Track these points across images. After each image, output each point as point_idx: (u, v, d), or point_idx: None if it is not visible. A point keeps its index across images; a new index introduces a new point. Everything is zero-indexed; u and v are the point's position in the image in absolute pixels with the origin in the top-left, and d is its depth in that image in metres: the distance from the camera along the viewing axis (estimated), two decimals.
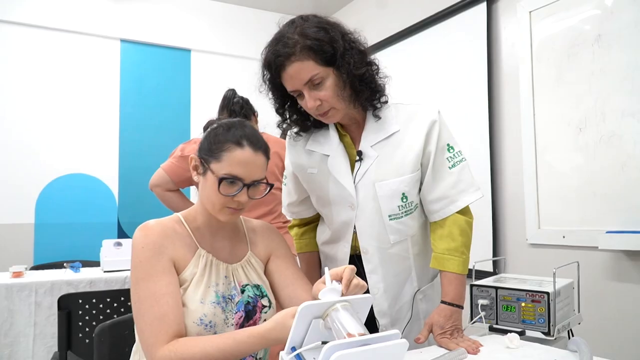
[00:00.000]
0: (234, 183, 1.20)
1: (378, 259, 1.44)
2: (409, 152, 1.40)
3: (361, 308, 0.99)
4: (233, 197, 1.21)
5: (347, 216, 1.44)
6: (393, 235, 1.43)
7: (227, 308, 1.23)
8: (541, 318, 1.61)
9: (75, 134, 3.93)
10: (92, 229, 3.91)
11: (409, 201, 1.42)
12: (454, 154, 1.43)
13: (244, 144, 1.21)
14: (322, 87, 1.30)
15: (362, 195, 1.42)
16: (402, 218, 1.43)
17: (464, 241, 1.43)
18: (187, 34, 4.38)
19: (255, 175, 1.22)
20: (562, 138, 2.64)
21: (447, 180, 1.42)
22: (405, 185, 1.40)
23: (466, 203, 1.43)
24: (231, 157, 1.20)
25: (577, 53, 2.58)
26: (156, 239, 1.20)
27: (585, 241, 2.50)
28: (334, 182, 1.44)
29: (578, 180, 2.56)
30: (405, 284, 1.49)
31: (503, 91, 3.02)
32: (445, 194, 1.42)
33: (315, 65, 1.28)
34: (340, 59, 1.29)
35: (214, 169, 1.21)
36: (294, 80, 1.30)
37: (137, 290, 1.17)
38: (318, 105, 1.31)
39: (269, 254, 1.40)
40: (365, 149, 1.43)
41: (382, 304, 1.46)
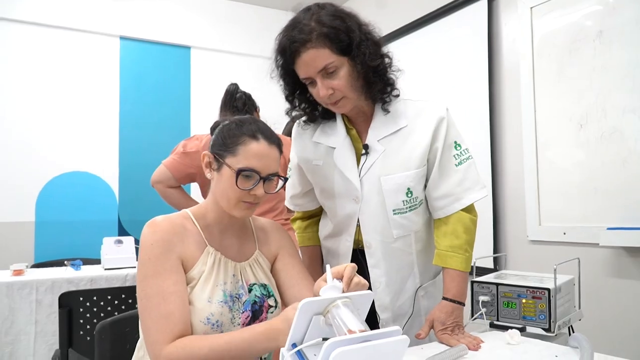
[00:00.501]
0: (250, 177, 1.21)
1: (381, 253, 1.44)
2: (416, 148, 1.40)
3: (362, 304, 0.99)
4: (250, 191, 1.21)
5: (351, 209, 1.44)
6: (396, 230, 1.43)
7: (234, 307, 1.23)
8: (542, 314, 1.61)
9: (75, 132, 3.92)
10: (92, 227, 3.91)
11: (414, 196, 1.42)
12: (460, 151, 1.43)
13: (259, 137, 1.22)
14: (336, 76, 1.30)
15: (367, 188, 1.42)
16: (406, 213, 1.43)
17: (468, 239, 1.43)
18: (186, 31, 4.37)
19: (270, 168, 1.23)
20: (563, 134, 2.64)
21: (453, 178, 1.42)
22: (410, 180, 1.40)
23: (471, 201, 1.43)
24: (247, 150, 1.20)
25: (578, 49, 2.57)
26: (165, 236, 1.19)
27: (586, 238, 2.49)
28: (340, 175, 1.44)
29: (579, 177, 2.56)
30: (407, 279, 1.49)
31: (504, 87, 3.01)
32: (450, 191, 1.42)
33: (330, 54, 1.28)
34: (355, 49, 1.29)
35: (230, 163, 1.21)
36: (308, 67, 1.30)
37: (144, 287, 1.16)
38: (330, 94, 1.32)
39: (276, 253, 1.40)
40: (372, 143, 1.43)
41: (384, 299, 1.46)
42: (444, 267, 1.43)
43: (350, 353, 0.82)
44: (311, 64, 1.29)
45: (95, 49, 4.03)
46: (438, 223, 1.47)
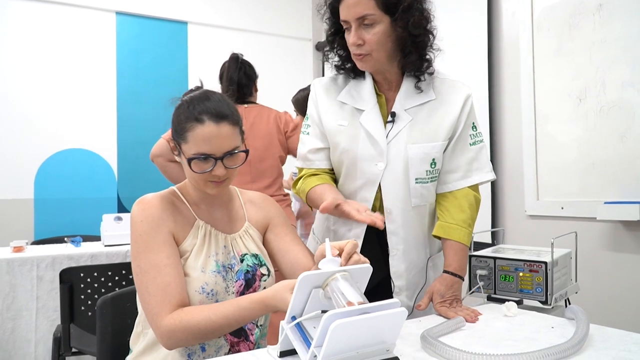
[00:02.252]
0: (206, 159, 1.20)
1: (401, 220, 1.45)
2: (445, 120, 1.43)
3: (360, 278, 1.00)
4: (210, 172, 1.21)
5: (373, 174, 1.44)
6: (415, 199, 1.45)
7: (227, 277, 1.25)
8: (539, 287, 1.63)
9: (72, 109, 3.89)
10: (92, 204, 3.91)
11: (437, 168, 1.45)
12: (476, 132, 1.48)
13: (203, 120, 1.18)
14: (371, 30, 1.32)
15: (393, 154, 1.42)
16: (427, 183, 1.45)
17: (472, 215, 1.46)
18: (183, 6, 4.31)
19: (224, 146, 1.20)
20: (562, 109, 2.63)
21: (466, 155, 1.46)
22: (436, 151, 1.42)
23: (479, 180, 1.47)
24: (194, 135, 1.19)
25: (577, 23, 2.55)
26: (154, 212, 1.21)
27: (583, 212, 2.51)
28: (367, 137, 1.44)
29: (577, 151, 2.56)
30: (421, 249, 1.51)
31: (503, 62, 2.99)
32: (460, 167, 1.46)
33: (374, 6, 1.30)
34: (401, 13, 1.31)
35: (184, 150, 1.22)
36: (349, 10, 1.32)
37: (138, 263, 1.18)
38: (358, 45, 1.34)
39: (266, 224, 1.41)
40: (399, 111, 1.44)
41: (399, 266, 1.47)
42: (444, 240, 1.44)
43: (349, 325, 0.84)
44: (352, 8, 1.31)
45: (91, 25, 3.97)
46: (442, 197, 1.50)
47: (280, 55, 4.73)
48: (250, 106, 2.52)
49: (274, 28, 4.68)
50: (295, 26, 4.81)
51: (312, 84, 1.60)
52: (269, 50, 4.64)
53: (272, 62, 4.60)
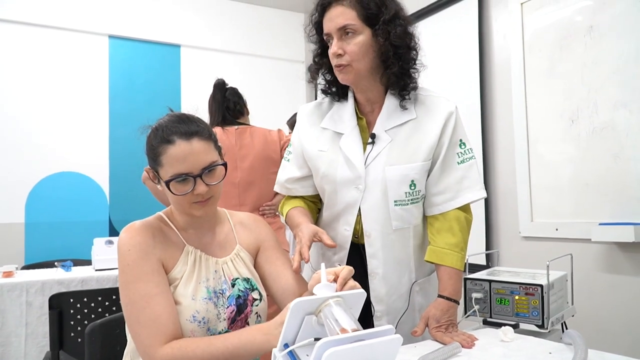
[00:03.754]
0: (185, 180, 1.17)
1: (380, 243, 1.43)
2: (424, 141, 1.40)
3: (354, 304, 0.97)
4: (193, 192, 1.18)
5: (353, 197, 1.43)
6: (396, 222, 1.42)
7: (218, 303, 1.22)
8: (535, 311, 1.61)
9: (64, 132, 3.89)
10: (83, 228, 3.88)
11: (417, 189, 1.42)
12: (464, 150, 1.44)
13: (173, 139, 1.16)
14: (352, 40, 1.34)
15: (371, 177, 1.41)
16: (407, 205, 1.42)
17: (464, 237, 1.44)
18: (176, 29, 4.34)
19: (200, 163, 1.18)
20: (554, 130, 2.64)
21: (454, 175, 1.43)
22: (415, 172, 1.40)
23: (468, 200, 1.44)
24: (167, 157, 1.16)
25: (569, 44, 2.57)
26: (142, 240, 1.18)
27: (578, 233, 2.50)
28: (345, 162, 1.43)
29: (571, 172, 2.56)
30: (403, 273, 1.48)
31: (495, 83, 3.01)
32: (449, 188, 1.43)
33: (355, 17, 1.33)
34: (382, 24, 1.33)
35: (162, 175, 1.20)
36: (331, 22, 1.35)
37: (127, 294, 1.15)
38: (339, 55, 1.34)
39: (257, 246, 1.39)
40: (379, 133, 1.43)
41: (380, 290, 1.45)
42: (438, 265, 1.42)
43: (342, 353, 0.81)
44: (334, 19, 1.34)
45: (84, 48, 3.99)
46: (432, 220, 1.47)
47: (273, 78, 4.75)
48: (241, 127, 2.51)
49: (266, 50, 4.72)
50: (288, 48, 4.83)
51: (298, 111, 1.60)
52: (261, 72, 4.67)
53: (264, 84, 4.62)
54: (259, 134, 2.50)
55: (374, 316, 1.46)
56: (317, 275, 1.02)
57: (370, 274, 1.45)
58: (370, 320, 1.46)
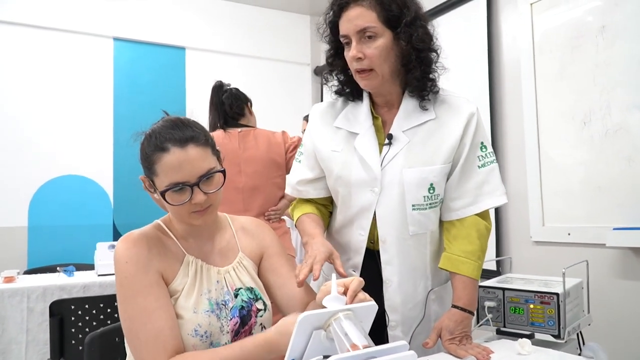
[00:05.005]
0: (181, 189, 1.11)
1: (396, 249, 1.37)
2: (445, 142, 1.35)
3: (365, 317, 0.93)
4: (190, 202, 1.12)
5: (368, 200, 1.37)
6: (413, 227, 1.36)
7: (221, 315, 1.17)
8: (551, 320, 1.56)
9: (68, 135, 3.85)
10: (87, 232, 3.84)
11: (436, 193, 1.36)
12: (485, 153, 1.38)
13: (167, 147, 1.10)
14: (372, 44, 1.28)
15: (387, 180, 1.35)
16: (425, 210, 1.36)
17: (482, 246, 1.37)
18: (181, 31, 4.31)
19: (197, 170, 1.12)
20: (566, 132, 2.58)
21: (474, 179, 1.37)
22: (434, 175, 1.34)
23: (488, 206, 1.38)
24: (162, 166, 1.11)
25: (580, 45, 2.52)
26: (140, 251, 1.13)
27: (591, 238, 2.43)
28: (360, 162, 1.37)
29: (583, 176, 2.50)
30: (419, 281, 1.42)
31: (504, 86, 2.96)
32: (468, 193, 1.37)
33: (375, 19, 1.26)
34: (403, 27, 1.27)
35: (157, 184, 1.14)
36: (349, 23, 1.28)
37: (126, 309, 1.10)
38: (358, 59, 1.28)
39: (261, 253, 1.33)
40: (396, 133, 1.37)
41: (395, 298, 1.39)
42: (453, 273, 1.36)
43: None
44: (353, 20, 1.27)
45: (89, 51, 3.96)
46: (449, 225, 1.41)
47: (279, 80, 4.72)
48: (244, 130, 2.45)
49: (272, 53, 4.68)
50: (294, 51, 4.80)
51: (311, 110, 1.55)
52: (267, 75, 4.63)
53: (270, 86, 4.59)
54: (262, 137, 2.44)
55: (388, 326, 1.40)
56: (326, 287, 0.97)
57: (385, 281, 1.39)
58: (384, 331, 1.40)
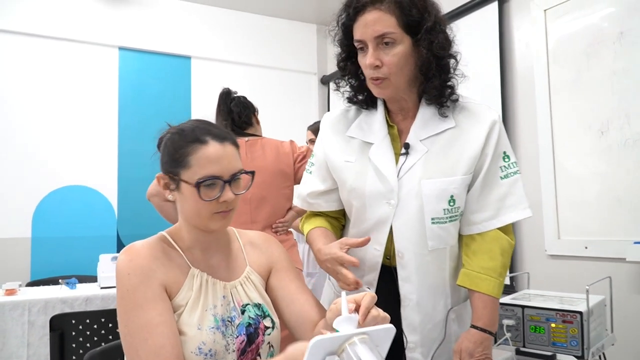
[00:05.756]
0: (213, 185, 1.09)
1: (414, 265, 1.29)
2: (466, 151, 1.27)
3: (382, 341, 0.85)
4: (218, 200, 1.09)
5: (384, 213, 1.29)
6: (432, 241, 1.28)
7: (227, 332, 1.11)
8: (574, 340, 1.49)
9: (72, 145, 3.81)
10: (91, 243, 3.78)
11: (456, 206, 1.28)
12: (508, 164, 1.30)
13: (206, 140, 1.10)
14: (390, 50, 1.21)
15: (405, 191, 1.27)
16: (445, 223, 1.28)
17: (504, 262, 1.29)
18: (187, 40, 4.28)
19: (231, 167, 1.11)
20: (582, 142, 2.51)
21: (496, 191, 1.29)
22: (455, 187, 1.26)
23: (511, 220, 1.29)
24: (199, 158, 1.09)
25: (597, 52, 2.45)
26: (143, 263, 1.08)
27: (610, 252, 2.35)
28: (375, 173, 1.30)
29: (601, 187, 2.42)
30: (439, 299, 1.33)
31: (517, 94, 2.89)
32: (490, 206, 1.28)
33: (395, 24, 1.19)
34: (424, 33, 1.20)
35: (187, 177, 1.09)
36: (366, 28, 1.21)
37: (126, 323, 1.04)
38: (375, 66, 1.21)
39: (269, 268, 1.28)
40: (414, 142, 1.30)
41: (413, 318, 1.30)
42: (472, 291, 1.28)
43: None
44: (370, 25, 1.20)
45: (94, 60, 3.93)
46: (469, 240, 1.32)
47: (285, 89, 4.67)
48: (252, 139, 2.39)
49: (278, 62, 4.64)
50: (300, 60, 4.76)
51: (322, 118, 1.48)
52: (273, 84, 4.59)
53: (276, 96, 4.55)
54: (270, 147, 2.37)
55: (407, 348, 1.31)
56: (336, 307, 0.90)
57: (402, 299, 1.31)
58: (402, 353, 1.32)
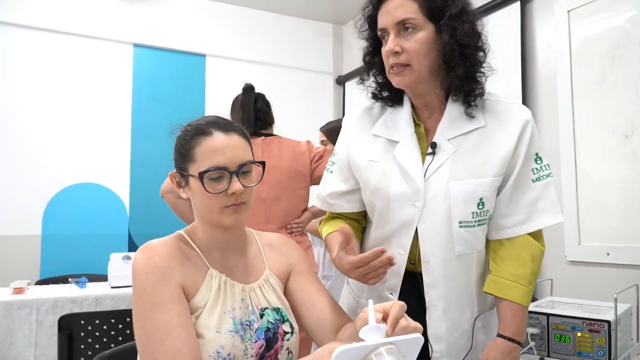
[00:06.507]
0: (220, 177, 1.06)
1: (441, 271, 1.23)
2: (497, 152, 1.21)
3: (410, 351, 0.80)
4: (226, 192, 1.06)
5: (409, 216, 1.24)
6: (459, 246, 1.22)
7: (245, 336, 1.07)
8: (600, 350, 1.44)
9: (85, 142, 3.78)
10: (102, 241, 3.75)
11: (485, 209, 1.22)
12: (541, 166, 1.24)
13: (210, 131, 1.08)
14: (411, 37, 1.17)
15: (431, 193, 1.21)
16: (474, 227, 1.22)
17: (535, 270, 1.23)
18: (202, 38, 4.25)
19: (237, 158, 1.08)
20: (605, 146, 2.43)
21: (528, 195, 1.23)
22: (484, 189, 1.20)
23: (543, 225, 1.23)
24: (202, 149, 1.07)
25: (621, 55, 2.38)
26: (161, 262, 1.05)
27: (633, 259, 2.28)
28: (401, 173, 1.24)
29: (623, 192, 2.35)
30: (466, 306, 1.27)
31: (539, 96, 2.82)
32: (521, 210, 1.22)
33: (417, 10, 1.16)
34: (447, 20, 1.16)
35: (193, 171, 1.08)
36: (388, 15, 1.19)
37: (142, 324, 1.00)
38: (395, 52, 1.18)
39: (288, 271, 1.24)
40: (441, 142, 1.24)
41: (440, 326, 1.25)
42: (499, 298, 1.22)
43: None
44: (392, 11, 1.18)
45: (108, 57, 3.91)
46: (497, 245, 1.27)
47: (300, 89, 4.63)
48: (268, 138, 2.35)
49: (294, 61, 4.60)
50: (316, 59, 4.72)
51: (345, 116, 1.43)
52: (288, 83, 4.54)
53: (291, 95, 4.50)
54: (287, 146, 2.33)
55: (432, 357, 1.26)
56: (363, 315, 0.85)
57: (428, 307, 1.25)
58: None
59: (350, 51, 4.72)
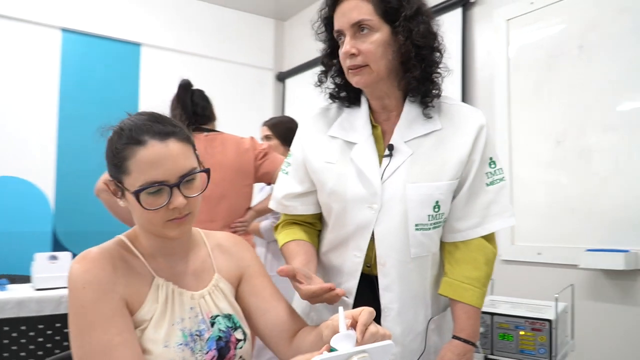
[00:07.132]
0: (159, 191, 0.96)
1: (396, 273, 1.23)
2: (453, 156, 1.22)
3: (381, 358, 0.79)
4: (167, 207, 0.96)
5: (365, 218, 1.23)
6: (415, 249, 1.23)
7: (196, 348, 1.01)
8: (542, 348, 1.51)
9: (6, 132, 3.51)
10: (23, 239, 3.49)
11: (441, 212, 1.23)
12: (494, 170, 1.27)
13: (144, 140, 0.96)
14: (367, 38, 1.17)
15: (388, 195, 1.21)
16: (429, 230, 1.23)
17: (489, 272, 1.27)
18: (137, 26, 4.06)
19: (177, 168, 0.97)
20: (539, 151, 2.55)
21: (482, 198, 1.25)
22: (441, 192, 1.21)
23: (496, 228, 1.26)
24: (136, 162, 0.95)
25: (557, 64, 2.50)
26: (101, 274, 0.95)
27: (562, 259, 2.40)
28: (358, 175, 1.23)
29: (556, 196, 2.47)
30: (420, 309, 1.28)
31: (477, 101, 2.91)
32: (475, 213, 1.24)
33: (372, 11, 1.16)
34: (403, 21, 1.15)
35: (128, 185, 0.97)
36: (343, 17, 1.18)
37: (81, 344, 0.92)
38: (352, 54, 1.17)
39: (240, 275, 1.18)
40: (398, 144, 1.23)
41: (394, 329, 1.24)
42: (454, 301, 1.24)
43: None
44: (347, 13, 1.17)
45: (34, 41, 3.64)
46: (452, 248, 1.28)
47: (240, 84, 4.54)
48: (211, 134, 2.27)
49: (233, 55, 4.51)
50: (256, 55, 4.65)
51: (302, 116, 1.41)
52: (227, 77, 4.45)
53: (230, 90, 4.42)
54: (230, 142, 2.26)
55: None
56: (331, 322, 0.83)
57: (383, 309, 1.24)
58: None
59: (291, 48, 4.69)
